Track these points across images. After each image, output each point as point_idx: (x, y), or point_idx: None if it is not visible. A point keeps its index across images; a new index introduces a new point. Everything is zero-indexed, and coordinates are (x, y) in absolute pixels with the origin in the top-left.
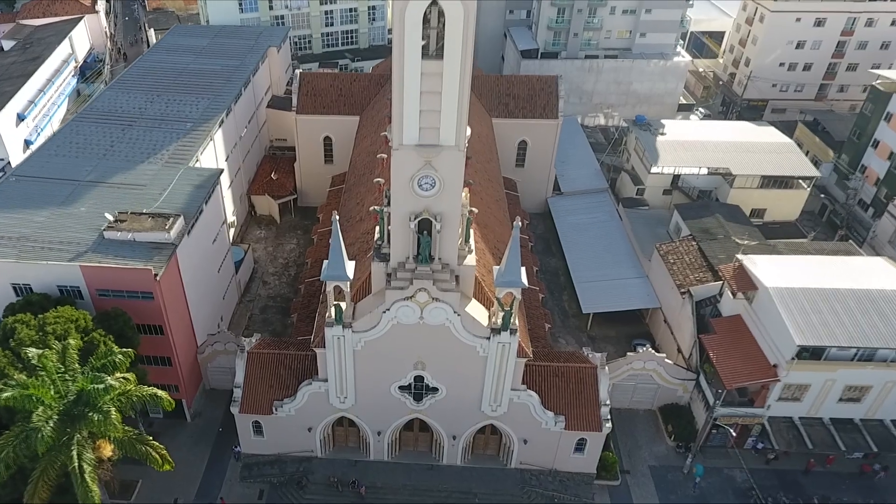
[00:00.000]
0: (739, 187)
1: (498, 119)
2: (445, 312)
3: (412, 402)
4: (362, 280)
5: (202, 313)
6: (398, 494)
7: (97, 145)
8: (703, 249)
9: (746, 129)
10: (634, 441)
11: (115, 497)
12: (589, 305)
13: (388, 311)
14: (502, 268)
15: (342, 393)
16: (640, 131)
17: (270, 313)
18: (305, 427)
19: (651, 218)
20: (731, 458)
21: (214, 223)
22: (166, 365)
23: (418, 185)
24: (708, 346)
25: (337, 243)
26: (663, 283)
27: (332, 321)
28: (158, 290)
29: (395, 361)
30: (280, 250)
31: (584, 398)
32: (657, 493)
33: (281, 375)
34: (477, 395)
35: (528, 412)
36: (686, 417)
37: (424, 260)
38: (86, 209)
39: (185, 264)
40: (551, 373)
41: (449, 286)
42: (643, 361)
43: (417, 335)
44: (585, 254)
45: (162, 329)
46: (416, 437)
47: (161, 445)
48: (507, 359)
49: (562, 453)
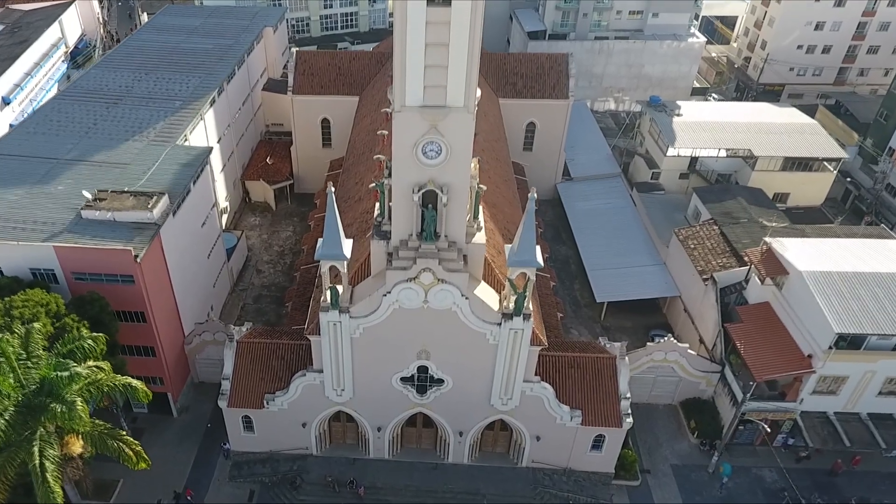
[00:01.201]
0: (761, 170)
1: (505, 99)
2: (452, 295)
3: (415, 395)
4: (361, 261)
5: (190, 301)
6: (400, 495)
7: (79, 123)
8: (726, 234)
9: (767, 110)
10: (655, 438)
11: (89, 498)
12: (603, 294)
13: (388, 293)
14: (515, 246)
15: (339, 385)
16: (654, 112)
17: (264, 303)
18: (299, 422)
19: (667, 203)
20: (759, 457)
21: (203, 205)
22: (150, 356)
23: (422, 153)
24: (734, 335)
25: (332, 218)
26: (683, 270)
27: (327, 305)
28: (139, 274)
29: (397, 350)
30: (275, 238)
31: (603, 391)
32: (680, 494)
33: (273, 367)
34: (486, 388)
35: (541, 406)
36: (710, 413)
37: (429, 237)
38: (64, 188)
39: (169, 246)
40: (567, 363)
41: (456, 266)
42: (664, 352)
43: (421, 321)
44: (598, 241)
45: (144, 316)
46: (420, 434)
47: (135, 441)
48: (519, 347)
49: (577, 451)
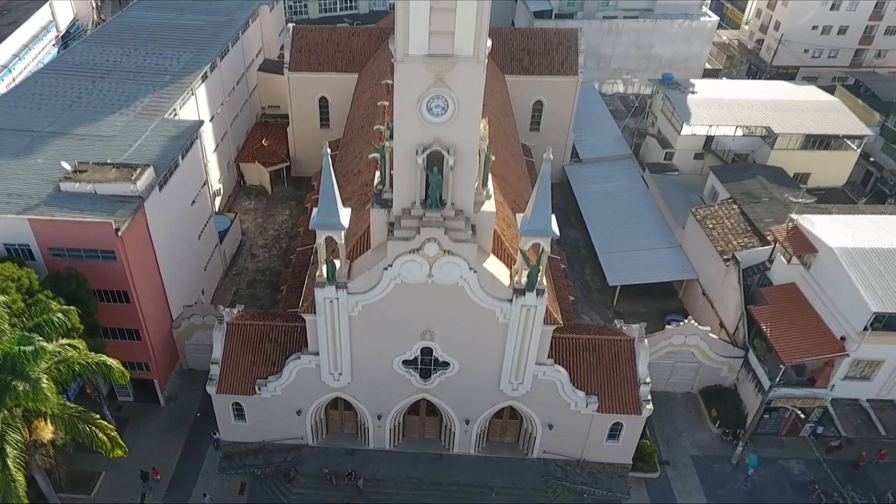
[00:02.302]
0: (781, 149)
1: (512, 76)
2: (459, 268)
3: (418, 379)
4: (360, 234)
5: (179, 283)
6: (401, 488)
7: (63, 97)
8: (747, 213)
9: (785, 88)
10: (673, 428)
11: (65, 490)
12: (615, 278)
13: (390, 267)
14: (528, 213)
15: (336, 368)
16: (668, 90)
17: (259, 287)
18: (294, 410)
19: (681, 184)
20: (785, 447)
21: (194, 182)
22: (134, 339)
23: (427, 109)
24: (759, 317)
25: (329, 183)
26: (701, 252)
27: (323, 281)
28: (121, 249)
29: (399, 330)
30: (271, 222)
31: (620, 376)
32: (702, 487)
33: (265, 350)
34: (495, 371)
35: (554, 392)
36: (732, 401)
37: (434, 205)
38: (43, 160)
39: (155, 222)
40: (581, 346)
41: (463, 236)
42: (684, 336)
43: (425, 297)
44: (609, 223)
45: (127, 296)
46: (423, 423)
47: (110, 426)
48: (531, 326)
49: (593, 441)
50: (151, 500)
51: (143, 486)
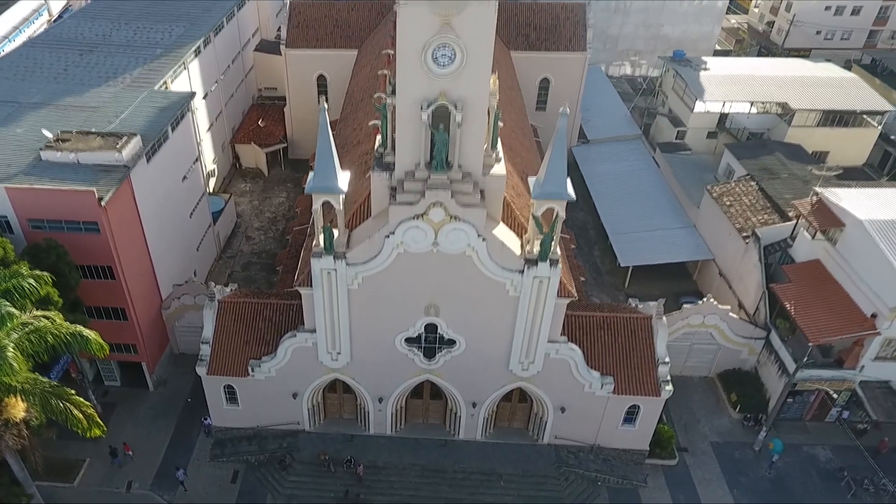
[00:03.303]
0: (798, 126)
1: (517, 53)
2: (467, 235)
3: (422, 359)
4: (360, 202)
5: (169, 262)
6: (404, 475)
7: (48, 69)
8: (766, 189)
9: (801, 65)
10: (691, 413)
11: (43, 477)
12: (627, 258)
13: (392, 234)
14: (541, 175)
15: (334, 347)
16: (680, 67)
17: (254, 270)
18: (289, 393)
19: (694, 163)
20: (810, 433)
21: (185, 157)
22: (120, 319)
23: (433, 59)
24: (782, 296)
25: (326, 144)
26: (717, 230)
27: (320, 250)
28: (105, 220)
29: (401, 305)
30: (267, 204)
31: (638, 355)
32: (723, 475)
33: (259, 329)
34: (504, 350)
35: (567, 372)
36: (753, 384)
37: (440, 166)
38: (23, 131)
39: (142, 194)
40: (596, 324)
41: (472, 200)
42: (702, 315)
43: (430, 268)
44: (619, 204)
45: (112, 272)
46: (426, 407)
47: (86, 402)
48: (544, 299)
49: (607, 425)
50: (123, 475)
51: (112, 462)
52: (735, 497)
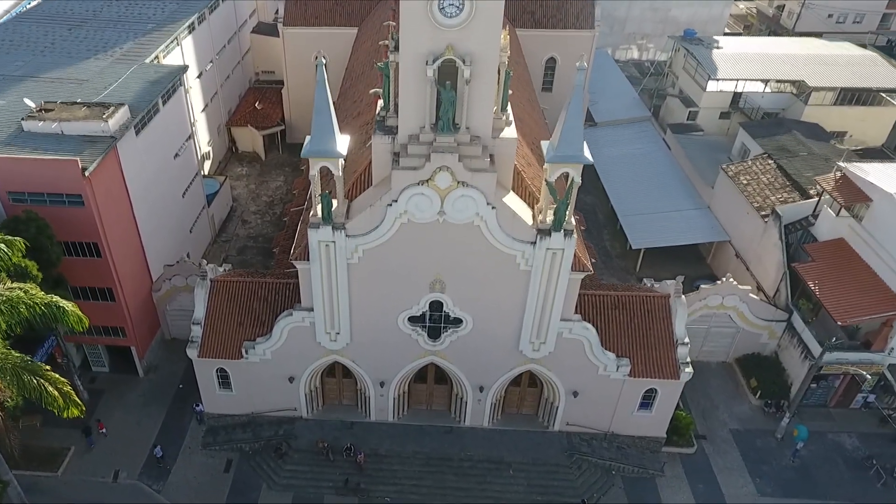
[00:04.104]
0: (815, 105)
1: (523, 30)
2: (475, 202)
3: (426, 339)
4: (360, 172)
5: (160, 242)
6: (407, 464)
7: (35, 43)
8: (784, 167)
9: (817, 43)
10: (709, 400)
11: (24, 467)
12: (639, 241)
13: (395, 202)
14: (556, 137)
15: (333, 327)
16: (691, 46)
17: (250, 254)
18: (285, 377)
19: (707, 144)
20: (835, 420)
21: (177, 133)
22: (108, 300)
23: (439, 9)
24: (806, 275)
25: (323, 104)
26: (733, 210)
27: (318, 220)
28: (90, 192)
29: (405, 280)
30: (264, 188)
31: (655, 336)
32: (745, 464)
33: (254, 310)
34: (514, 329)
35: (580, 353)
36: (774, 369)
37: (446, 128)
38: (5, 102)
39: (131, 168)
40: (610, 304)
41: (481, 164)
42: (721, 296)
43: (435, 240)
44: (629, 187)
45: (98, 249)
46: (431, 392)
47: (62, 379)
48: (558, 273)
49: (622, 411)
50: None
51: (86, 441)
52: (758, 486)
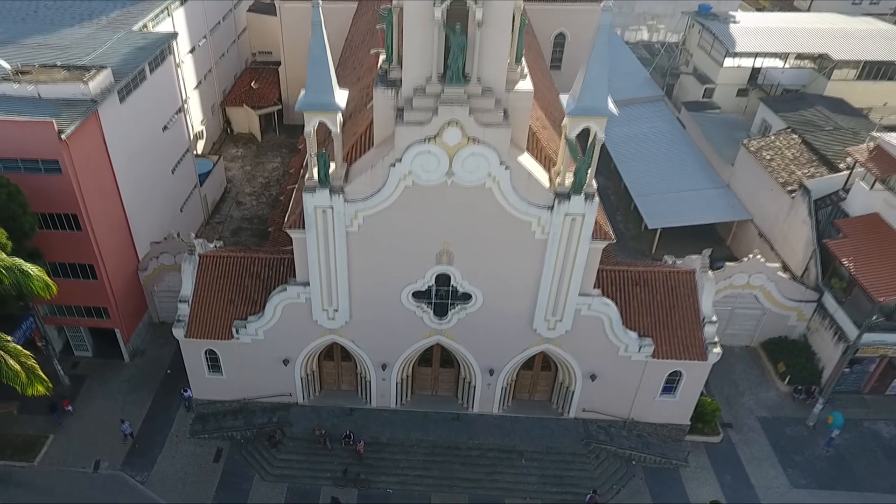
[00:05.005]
0: (839, 80)
1: (530, 3)
2: (487, 161)
3: (432, 317)
4: (360, 134)
5: (148, 219)
6: (410, 453)
7: (16, 11)
8: (810, 142)
9: (839, 18)
10: (733, 386)
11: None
12: (655, 220)
13: (398, 162)
14: (577, 89)
15: (330, 303)
16: (707, 21)
17: (244, 236)
18: (279, 359)
19: (724, 122)
20: (870, 407)
21: (166, 104)
22: (89, 278)
23: None
24: (839, 252)
25: (320, 52)
26: (756, 188)
27: (314, 183)
28: (68, 158)
29: (409, 251)
30: (260, 169)
31: (679, 314)
32: (775, 453)
33: (246, 287)
34: (528, 305)
35: (600, 332)
36: (803, 353)
37: (455, 78)
38: None
39: (114, 135)
40: (630, 280)
41: (493, 119)
42: (747, 274)
43: (443, 205)
44: (643, 167)
45: (77, 221)
46: (436, 376)
47: (27, 352)
48: (577, 242)
49: (644, 396)
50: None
51: (52, 418)
52: (790, 478)
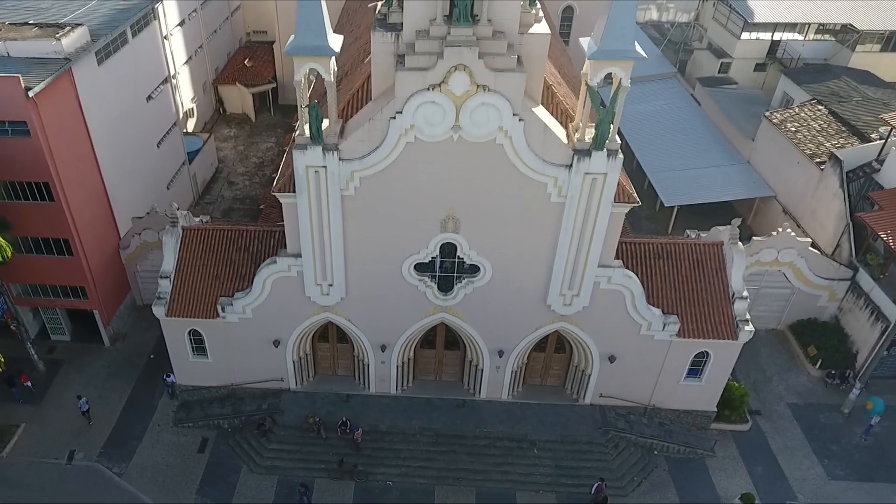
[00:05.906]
0: (863, 52)
1: None
2: (499, 113)
3: (436, 292)
4: (356, 90)
5: (130, 194)
6: (412, 442)
7: None
8: (838, 112)
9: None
10: (760, 371)
11: None
12: (672, 198)
13: (399, 114)
14: (599, 31)
15: (324, 277)
16: None
17: (236, 216)
18: (269, 340)
19: (740, 98)
20: None
21: (151, 73)
22: (64, 253)
23: None
24: (876, 226)
25: None
26: (780, 162)
27: (305, 139)
28: (36, 119)
29: (411, 217)
30: (253, 149)
31: (707, 289)
32: (808, 442)
33: (234, 262)
34: (541, 278)
35: (620, 308)
36: (835, 335)
37: (463, 18)
38: None
39: (91, 99)
40: (652, 252)
41: (506, 63)
42: (776, 250)
43: (448, 164)
44: (658, 144)
45: (50, 190)
46: (440, 359)
47: None
48: (598, 205)
49: (667, 379)
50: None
51: (11, 393)
52: (827, 469)
